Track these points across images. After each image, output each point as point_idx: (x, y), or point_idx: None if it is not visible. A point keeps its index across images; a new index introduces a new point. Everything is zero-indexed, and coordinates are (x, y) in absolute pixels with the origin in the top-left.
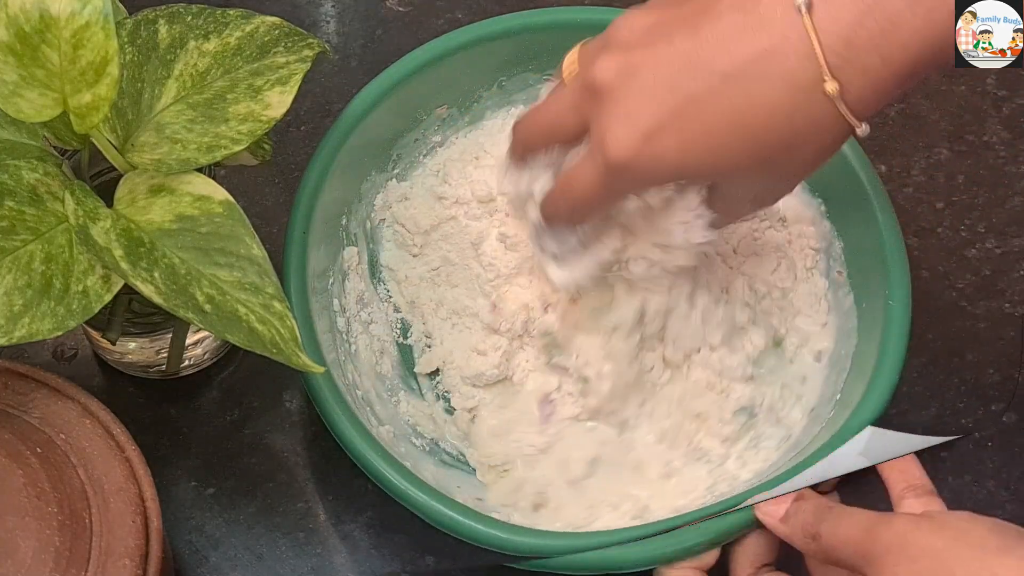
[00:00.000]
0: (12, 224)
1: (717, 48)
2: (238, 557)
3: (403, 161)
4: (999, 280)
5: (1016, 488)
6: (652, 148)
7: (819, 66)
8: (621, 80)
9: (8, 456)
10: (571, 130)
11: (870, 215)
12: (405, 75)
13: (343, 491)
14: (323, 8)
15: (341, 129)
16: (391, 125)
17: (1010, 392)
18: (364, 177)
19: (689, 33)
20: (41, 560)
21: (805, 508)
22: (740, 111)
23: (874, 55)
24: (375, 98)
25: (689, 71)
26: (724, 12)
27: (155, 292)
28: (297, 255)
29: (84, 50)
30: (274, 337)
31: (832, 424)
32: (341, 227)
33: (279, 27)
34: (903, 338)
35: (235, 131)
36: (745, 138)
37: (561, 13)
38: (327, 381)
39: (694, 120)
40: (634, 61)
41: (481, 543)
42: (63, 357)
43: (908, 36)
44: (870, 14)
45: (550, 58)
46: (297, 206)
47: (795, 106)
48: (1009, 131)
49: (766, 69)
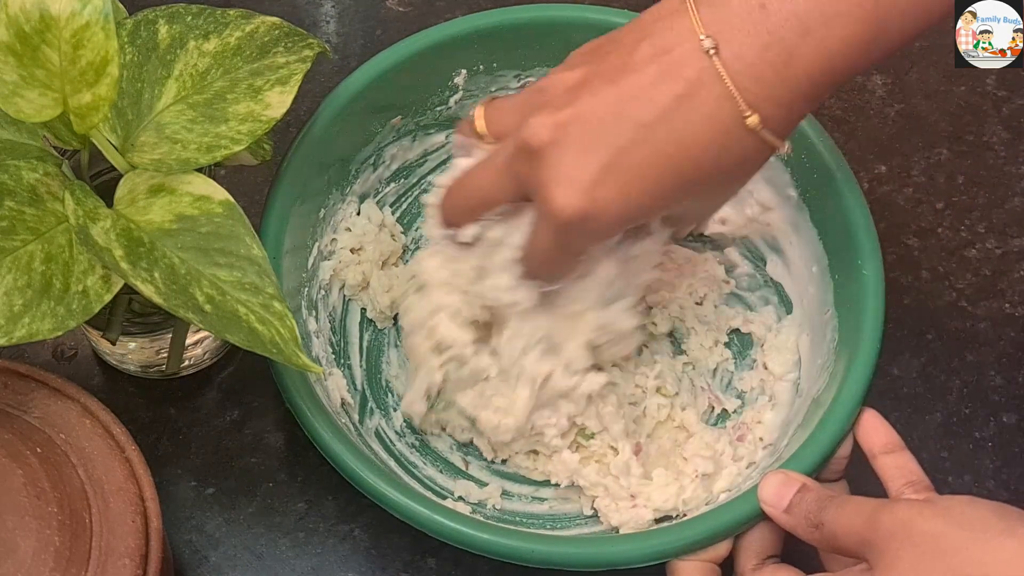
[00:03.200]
0: (12, 224)
1: (640, 99)
2: (238, 557)
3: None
4: (999, 280)
5: (1016, 488)
6: (595, 202)
7: (736, 103)
8: (555, 140)
9: (8, 456)
10: (508, 195)
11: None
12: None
13: (343, 491)
14: (323, 8)
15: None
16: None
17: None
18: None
19: (612, 88)
20: (41, 560)
21: (808, 498)
22: (669, 155)
23: (781, 87)
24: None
25: (617, 123)
26: (641, 64)
27: (155, 292)
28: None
29: (84, 50)
30: (274, 337)
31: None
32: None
33: (279, 27)
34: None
35: (235, 131)
36: (678, 179)
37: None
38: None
39: (629, 170)
40: (565, 120)
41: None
42: (63, 357)
43: (807, 65)
44: (770, 49)
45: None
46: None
47: (721, 143)
48: (1009, 131)
49: (687, 114)
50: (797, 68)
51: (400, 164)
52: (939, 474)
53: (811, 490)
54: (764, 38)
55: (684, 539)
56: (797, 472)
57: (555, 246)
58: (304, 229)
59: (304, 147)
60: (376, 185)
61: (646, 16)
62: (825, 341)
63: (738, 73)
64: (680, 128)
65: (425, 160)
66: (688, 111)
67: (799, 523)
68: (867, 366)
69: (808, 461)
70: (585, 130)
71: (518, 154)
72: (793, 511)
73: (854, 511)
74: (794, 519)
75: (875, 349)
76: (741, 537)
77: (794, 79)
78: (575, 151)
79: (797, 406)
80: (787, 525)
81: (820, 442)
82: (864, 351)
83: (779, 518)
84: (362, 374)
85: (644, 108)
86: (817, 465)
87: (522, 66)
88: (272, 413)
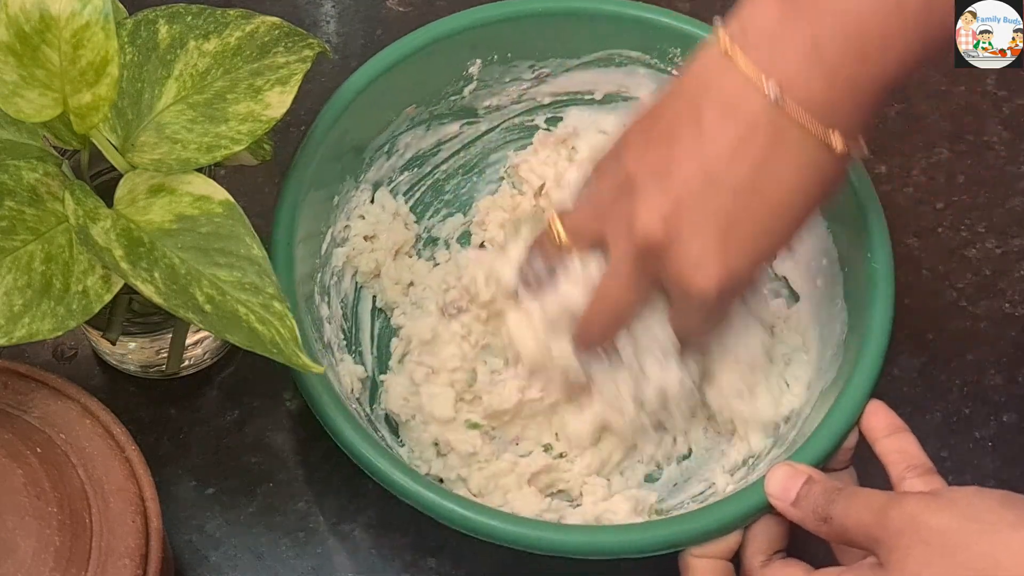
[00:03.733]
0: (12, 224)
1: (729, 165)
2: (238, 557)
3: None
4: (999, 280)
5: (1016, 488)
6: (730, 270)
7: (818, 139)
8: (670, 234)
9: (8, 456)
10: (644, 298)
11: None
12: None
13: (343, 491)
14: (323, 8)
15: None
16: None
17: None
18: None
19: (698, 163)
20: (41, 560)
21: (815, 491)
22: (773, 206)
23: (854, 111)
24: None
25: (717, 195)
26: (714, 130)
27: (155, 292)
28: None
29: (84, 50)
30: (274, 337)
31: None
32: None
33: (279, 27)
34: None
35: (235, 131)
36: (788, 220)
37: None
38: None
39: (744, 231)
40: (669, 211)
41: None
42: (63, 357)
43: (871, 86)
44: (835, 87)
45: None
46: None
47: (817, 177)
48: (1009, 131)
49: (778, 164)
50: (863, 92)
51: (414, 153)
52: (939, 474)
53: (818, 482)
54: (825, 73)
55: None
56: (803, 464)
57: (705, 320)
58: (318, 215)
59: (318, 133)
60: (390, 173)
61: (688, 80)
62: (834, 334)
63: (811, 112)
64: (776, 179)
65: (439, 149)
66: (777, 161)
67: (807, 516)
68: (876, 358)
69: (818, 450)
70: (692, 213)
71: (643, 257)
72: (800, 504)
73: (862, 505)
74: (802, 512)
75: (884, 341)
76: (747, 531)
77: (863, 101)
78: (693, 236)
79: (806, 398)
80: (795, 518)
81: (830, 432)
82: (873, 343)
83: (787, 511)
84: (372, 360)
85: (736, 173)
86: (828, 453)
87: (537, 56)
88: (272, 413)
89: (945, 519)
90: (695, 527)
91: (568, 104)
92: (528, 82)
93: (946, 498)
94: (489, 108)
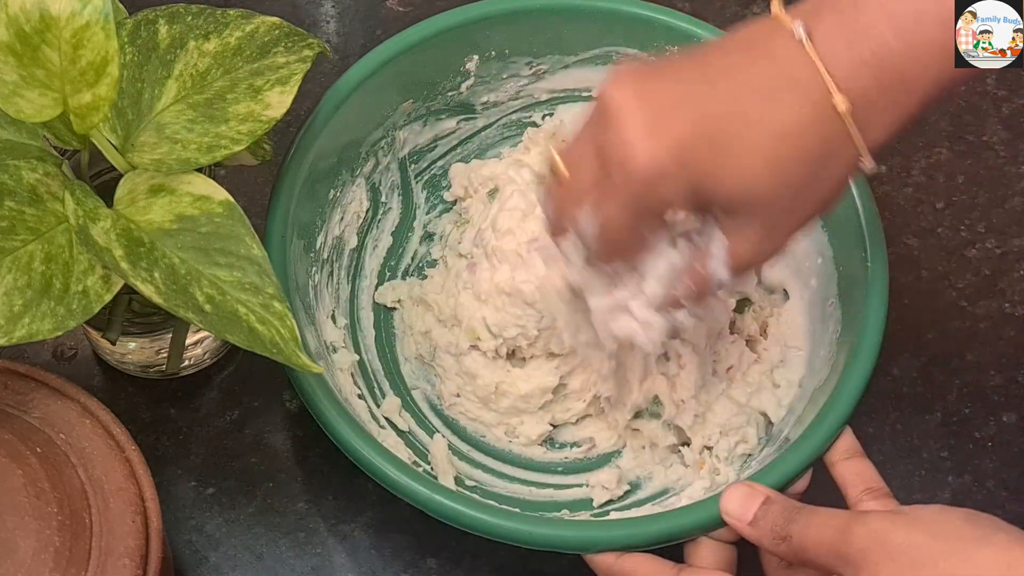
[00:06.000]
0: (12, 224)
1: (729, 76)
2: (238, 557)
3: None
4: (999, 280)
5: (1016, 488)
6: (679, 156)
7: (826, 86)
8: (636, 101)
9: (8, 456)
10: (637, 215)
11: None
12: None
13: (343, 491)
14: (323, 8)
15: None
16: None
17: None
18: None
19: (697, 68)
20: (41, 560)
21: (773, 510)
22: (757, 126)
23: (901, 122)
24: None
25: (704, 95)
26: (731, 50)
27: (155, 292)
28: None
29: (84, 50)
30: (274, 337)
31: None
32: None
33: (279, 27)
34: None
35: (235, 131)
36: (766, 155)
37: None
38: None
39: (714, 135)
40: (647, 86)
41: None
42: (63, 357)
43: (917, 105)
44: (861, 42)
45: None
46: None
47: (810, 121)
48: (1009, 131)
49: (779, 93)
50: (905, 110)
51: (410, 149)
52: (939, 474)
53: (776, 502)
54: (856, 31)
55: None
56: (762, 484)
57: (625, 211)
58: (314, 209)
59: (315, 127)
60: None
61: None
62: (828, 333)
63: (832, 58)
64: (770, 105)
65: (435, 145)
66: (782, 90)
67: (764, 535)
68: (870, 356)
69: (811, 449)
70: (670, 95)
71: (596, 123)
72: (758, 524)
73: (823, 523)
74: (759, 532)
75: (878, 340)
76: (692, 555)
77: (907, 115)
78: (660, 110)
79: (798, 396)
80: (751, 537)
81: (821, 432)
82: (867, 342)
83: (743, 530)
84: (372, 356)
85: (738, 80)
86: (821, 452)
87: (534, 53)
88: (272, 413)
89: (911, 536)
90: (697, 517)
91: (565, 101)
92: (525, 79)
93: (911, 516)
94: (486, 104)
